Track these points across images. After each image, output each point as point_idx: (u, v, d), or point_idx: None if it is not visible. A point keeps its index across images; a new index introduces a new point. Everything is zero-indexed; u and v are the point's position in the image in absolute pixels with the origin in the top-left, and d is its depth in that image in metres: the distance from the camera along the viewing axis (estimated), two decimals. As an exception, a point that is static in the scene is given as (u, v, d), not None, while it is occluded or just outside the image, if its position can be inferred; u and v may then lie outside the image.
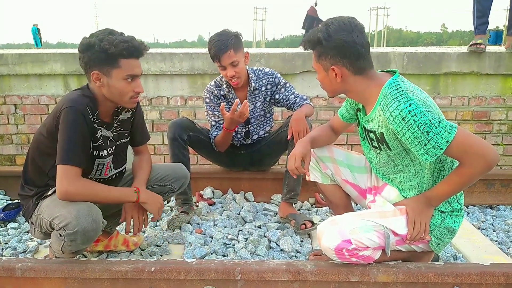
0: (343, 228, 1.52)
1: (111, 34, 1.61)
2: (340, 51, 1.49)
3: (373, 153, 1.67)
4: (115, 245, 2.05)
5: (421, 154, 1.42)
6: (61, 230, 1.54)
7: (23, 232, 2.33)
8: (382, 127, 1.51)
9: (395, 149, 1.54)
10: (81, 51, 1.63)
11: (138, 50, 1.64)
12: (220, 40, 2.26)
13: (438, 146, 1.38)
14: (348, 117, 1.82)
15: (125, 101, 1.69)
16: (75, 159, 1.58)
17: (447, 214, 1.59)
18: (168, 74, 3.51)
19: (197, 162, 3.58)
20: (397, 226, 1.55)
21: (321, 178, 1.91)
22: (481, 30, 3.42)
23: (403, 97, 1.40)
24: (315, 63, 1.59)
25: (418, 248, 1.64)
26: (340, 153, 1.87)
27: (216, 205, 2.69)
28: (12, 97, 3.64)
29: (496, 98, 3.45)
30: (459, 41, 51.47)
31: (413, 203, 1.57)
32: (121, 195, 1.74)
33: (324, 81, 1.60)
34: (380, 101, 1.48)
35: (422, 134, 1.37)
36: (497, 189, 2.73)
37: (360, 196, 1.86)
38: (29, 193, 1.74)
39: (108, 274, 1.57)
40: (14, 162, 3.80)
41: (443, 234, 1.60)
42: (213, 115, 2.50)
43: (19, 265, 1.58)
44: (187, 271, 1.56)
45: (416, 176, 1.58)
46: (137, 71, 1.66)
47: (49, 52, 3.67)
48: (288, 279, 1.55)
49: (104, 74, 1.62)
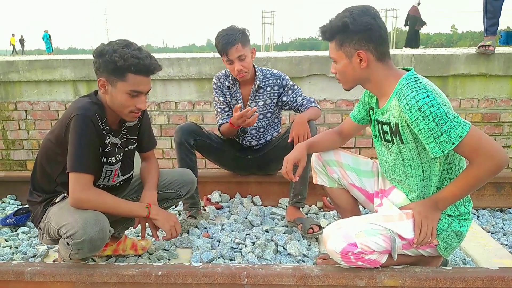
0: (348, 231, 1.51)
1: (126, 47, 1.59)
2: (366, 35, 1.48)
3: (385, 150, 1.65)
4: (123, 249, 2.07)
5: (432, 147, 1.41)
6: (68, 238, 1.55)
7: (33, 237, 2.36)
8: (397, 117, 1.50)
9: (407, 144, 1.52)
10: (95, 56, 1.63)
11: (147, 68, 1.61)
12: (228, 35, 2.28)
13: (450, 140, 1.37)
14: (359, 117, 1.81)
15: (124, 114, 1.68)
16: (87, 166, 1.59)
17: (454, 218, 1.58)
18: (176, 79, 3.54)
19: (205, 166, 3.60)
20: (403, 230, 1.54)
21: (327, 181, 1.91)
22: (491, 31, 3.38)
23: (421, 88, 1.41)
24: (335, 52, 1.55)
25: (425, 252, 1.63)
26: (347, 157, 1.86)
27: (224, 209, 2.70)
28: (23, 103, 3.71)
29: (506, 99, 3.42)
30: (470, 42, 50.95)
31: (419, 207, 1.56)
32: (131, 209, 1.71)
33: (346, 69, 1.56)
34: (396, 91, 1.49)
35: (437, 126, 1.37)
36: (508, 192, 2.69)
37: (367, 200, 1.85)
38: (37, 199, 1.76)
39: (115, 278, 1.58)
40: (25, 167, 3.85)
41: (450, 238, 1.58)
42: (218, 101, 2.52)
43: (28, 269, 1.60)
44: (193, 276, 1.57)
45: (424, 179, 1.57)
46: (142, 88, 1.64)
47: (59, 58, 3.73)
48: (294, 284, 1.55)
49: (110, 83, 1.62)
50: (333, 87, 3.45)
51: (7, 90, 3.70)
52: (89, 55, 4.07)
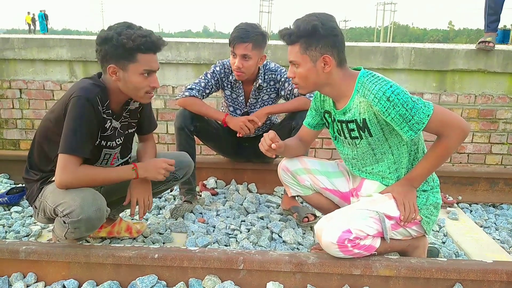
0: (340, 220, 1.55)
1: (129, 28, 1.58)
2: (331, 40, 1.53)
3: (350, 147, 1.70)
4: (118, 231, 2.06)
5: (405, 130, 1.50)
6: (65, 217, 1.54)
7: (27, 216, 2.34)
8: (364, 113, 1.56)
9: (376, 135, 1.59)
10: (99, 44, 1.60)
11: (156, 45, 1.61)
12: (245, 30, 2.24)
13: (421, 120, 1.48)
14: (314, 123, 1.86)
15: (140, 96, 1.67)
16: (78, 149, 1.56)
17: (429, 192, 1.68)
18: (173, 63, 3.50)
19: (200, 152, 3.58)
20: (389, 209, 1.61)
21: (302, 190, 1.95)
22: (492, 28, 3.38)
23: (381, 81, 1.50)
24: (299, 56, 1.56)
25: (413, 231, 1.68)
26: (313, 162, 1.91)
27: (219, 196, 2.69)
28: (18, 81, 3.64)
29: (503, 96, 3.43)
30: (466, 39, 51.13)
31: (397, 188, 1.65)
32: (118, 175, 1.69)
33: (309, 73, 1.57)
34: (357, 89, 1.56)
35: (407, 111, 1.47)
36: (501, 188, 2.72)
37: (341, 200, 1.90)
38: (34, 177, 1.74)
39: (111, 259, 1.57)
40: (18, 147, 3.81)
41: (430, 211, 1.67)
42: (206, 79, 2.42)
43: (23, 248, 1.59)
44: (190, 259, 1.57)
45: (395, 162, 1.66)
46: (154, 66, 1.63)
47: (55, 37, 3.66)
48: (290, 270, 1.56)
49: (121, 68, 1.60)
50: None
51: (2, 67, 3.63)
52: (86, 36, 4.00)
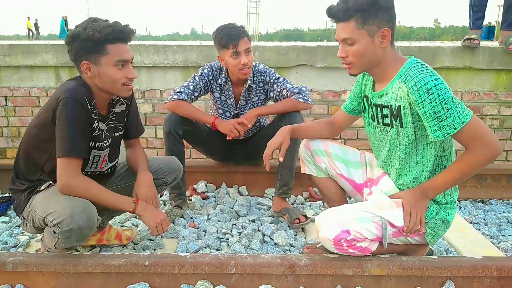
0: (342, 218, 1.53)
1: (94, 21, 1.59)
2: (388, 13, 1.47)
3: (381, 134, 1.65)
4: (107, 239, 2.03)
5: (434, 130, 1.43)
6: (55, 227, 1.52)
7: (14, 226, 2.30)
8: (400, 99, 1.49)
9: (406, 128, 1.53)
10: (68, 43, 1.60)
11: (123, 33, 1.60)
12: (234, 28, 2.27)
13: (453, 125, 1.40)
14: (351, 108, 1.83)
15: (117, 89, 1.64)
16: (75, 150, 1.56)
17: (441, 206, 1.61)
18: (161, 66, 3.47)
19: (190, 156, 3.56)
20: (394, 218, 1.56)
21: (315, 171, 1.91)
22: (477, 25, 3.42)
23: (429, 72, 1.43)
24: (356, 31, 1.46)
25: (413, 240, 1.65)
26: (336, 147, 1.86)
27: (210, 199, 2.68)
28: (3, 89, 3.58)
29: (489, 93, 3.47)
30: (452, 37, 51.72)
31: (408, 196, 1.58)
32: (118, 202, 1.67)
33: (366, 50, 1.48)
34: (401, 73, 1.50)
35: (443, 109, 1.39)
36: (489, 183, 2.75)
37: (354, 190, 1.87)
38: (21, 187, 1.71)
39: (101, 268, 1.55)
40: (4, 155, 3.74)
41: (438, 226, 1.62)
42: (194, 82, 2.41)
43: (11, 259, 1.56)
44: (181, 265, 1.55)
45: (417, 163, 1.59)
46: (126, 56, 1.62)
47: (40, 43, 3.61)
48: (282, 273, 1.55)
49: (94, 63, 1.59)
50: (320, 77, 3.44)
51: (-14, 75, 3.57)
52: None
